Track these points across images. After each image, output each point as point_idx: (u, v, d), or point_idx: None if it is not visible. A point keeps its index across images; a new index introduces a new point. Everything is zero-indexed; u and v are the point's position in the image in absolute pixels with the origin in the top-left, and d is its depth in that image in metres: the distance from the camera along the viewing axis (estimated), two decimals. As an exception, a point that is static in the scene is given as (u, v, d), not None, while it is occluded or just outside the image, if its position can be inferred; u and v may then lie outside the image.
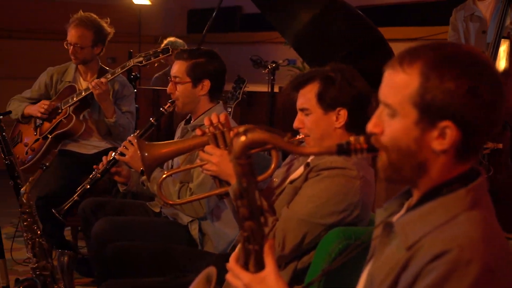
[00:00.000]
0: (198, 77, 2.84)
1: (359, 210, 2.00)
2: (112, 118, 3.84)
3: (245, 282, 1.35)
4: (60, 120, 3.88)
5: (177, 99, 2.89)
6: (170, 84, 2.90)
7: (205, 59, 2.86)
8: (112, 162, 2.98)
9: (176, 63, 2.89)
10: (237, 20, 7.85)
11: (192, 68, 2.84)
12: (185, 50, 2.93)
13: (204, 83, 2.85)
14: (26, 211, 2.63)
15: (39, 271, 2.61)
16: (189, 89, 2.86)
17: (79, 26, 3.90)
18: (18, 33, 7.25)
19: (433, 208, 1.25)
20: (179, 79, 2.85)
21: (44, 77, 4.09)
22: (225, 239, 2.83)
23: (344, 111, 2.08)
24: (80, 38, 3.89)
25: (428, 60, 1.23)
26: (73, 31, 3.90)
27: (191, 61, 2.85)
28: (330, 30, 3.90)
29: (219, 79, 2.90)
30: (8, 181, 2.79)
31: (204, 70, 2.85)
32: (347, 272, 1.72)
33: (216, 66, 2.88)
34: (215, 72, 2.87)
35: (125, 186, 3.03)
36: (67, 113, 3.87)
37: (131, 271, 2.58)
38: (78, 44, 3.88)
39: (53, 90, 4.05)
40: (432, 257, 1.16)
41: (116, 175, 3.01)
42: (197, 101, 2.89)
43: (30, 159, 3.94)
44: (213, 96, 2.91)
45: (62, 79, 4.05)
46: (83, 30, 3.89)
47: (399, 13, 6.27)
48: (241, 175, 1.31)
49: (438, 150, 1.23)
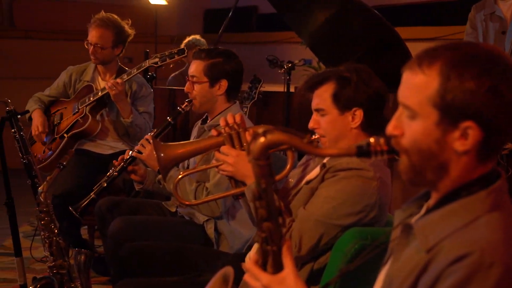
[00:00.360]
0: (215, 77, 2.85)
1: (375, 211, 1.99)
2: (128, 118, 3.85)
3: (264, 283, 1.35)
4: (76, 120, 3.91)
5: (194, 99, 2.90)
6: (188, 83, 2.91)
7: (223, 59, 2.86)
8: (129, 160, 3.00)
9: (193, 62, 2.90)
10: (253, 20, 7.84)
11: (210, 68, 2.84)
12: (202, 50, 2.93)
13: (221, 83, 2.85)
14: (44, 210, 2.64)
15: (56, 269, 2.63)
16: (206, 88, 2.86)
17: (100, 27, 3.91)
18: (36, 34, 7.30)
19: (453, 210, 1.24)
20: (197, 78, 2.86)
21: (64, 76, 4.12)
22: (241, 238, 2.83)
23: (360, 111, 2.07)
24: (100, 39, 3.90)
25: (447, 60, 1.21)
26: (94, 31, 3.91)
27: (209, 61, 2.85)
28: (346, 30, 3.89)
29: (236, 79, 2.90)
30: (25, 180, 2.81)
31: (222, 70, 2.85)
32: (363, 272, 1.71)
33: (234, 66, 2.88)
34: (232, 72, 2.87)
35: (142, 185, 3.05)
36: (84, 113, 3.89)
37: (147, 270, 2.59)
38: (98, 44, 3.89)
39: (71, 89, 4.08)
40: (452, 260, 1.15)
41: (133, 174, 3.03)
42: (214, 100, 2.89)
43: (47, 157, 3.97)
44: (230, 96, 2.91)
45: (81, 78, 4.07)
46: (104, 30, 3.91)
47: (416, 13, 6.24)
48: (260, 176, 1.31)
49: (460, 151, 1.22)
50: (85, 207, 3.08)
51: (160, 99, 4.56)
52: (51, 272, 2.64)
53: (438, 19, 5.95)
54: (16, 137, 2.84)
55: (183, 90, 2.99)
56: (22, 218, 4.62)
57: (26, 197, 3.62)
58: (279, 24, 6.68)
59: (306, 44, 4.55)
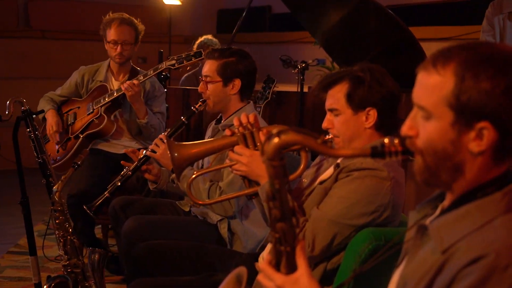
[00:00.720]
0: (228, 76, 2.85)
1: (389, 211, 1.98)
2: (144, 119, 3.87)
3: (278, 283, 1.35)
4: (92, 120, 3.92)
5: (208, 98, 2.90)
6: (201, 83, 2.91)
7: (236, 58, 2.86)
8: (143, 160, 3.01)
9: (207, 62, 2.90)
10: (267, 20, 7.84)
11: (223, 67, 2.85)
12: (216, 50, 2.94)
13: (234, 82, 2.86)
14: (58, 209, 2.66)
15: (70, 268, 2.64)
16: (220, 88, 2.87)
17: (123, 24, 3.94)
18: (52, 34, 7.35)
19: (468, 211, 1.23)
20: (210, 78, 2.87)
21: (76, 76, 4.14)
22: (254, 238, 2.83)
23: (373, 111, 2.07)
24: (128, 35, 3.94)
25: (462, 60, 1.21)
26: (119, 29, 3.93)
27: (222, 60, 2.85)
28: (360, 29, 3.88)
29: (249, 79, 2.90)
30: (40, 179, 2.83)
31: (235, 69, 2.85)
32: (376, 273, 1.71)
33: (247, 65, 2.88)
34: (245, 71, 2.87)
35: (156, 184, 3.06)
36: (99, 113, 3.91)
37: (161, 270, 2.59)
38: (126, 41, 3.94)
39: (84, 89, 4.09)
40: (468, 262, 1.15)
41: (147, 173, 3.04)
42: (227, 100, 2.89)
43: (61, 158, 3.99)
44: (244, 95, 2.91)
45: (94, 78, 4.09)
46: (127, 27, 3.95)
47: (430, 12, 6.20)
48: (274, 176, 1.31)
49: (476, 151, 1.21)
50: (99, 206, 3.09)
51: (174, 99, 4.57)
52: (65, 271, 2.66)
53: (452, 18, 5.92)
54: (31, 137, 2.86)
55: (196, 90, 3.00)
56: (36, 217, 4.66)
57: (40, 196, 3.64)
58: (292, 24, 6.68)
59: (319, 44, 4.54)
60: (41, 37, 7.34)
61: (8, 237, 4.59)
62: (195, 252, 2.64)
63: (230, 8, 8.10)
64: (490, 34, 4.18)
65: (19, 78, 7.10)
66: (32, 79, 7.10)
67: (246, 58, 2.89)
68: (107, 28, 3.96)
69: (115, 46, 3.94)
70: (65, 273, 2.65)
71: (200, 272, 2.51)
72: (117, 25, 3.94)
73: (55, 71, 7.12)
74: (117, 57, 3.97)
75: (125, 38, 3.93)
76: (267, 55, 6.34)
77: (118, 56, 3.96)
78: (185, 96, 4.77)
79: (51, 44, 7.37)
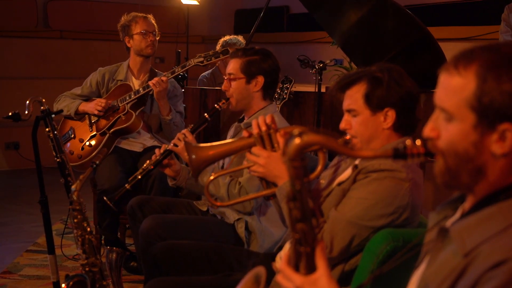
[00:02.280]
0: (252, 73, 2.88)
1: (408, 212, 1.97)
2: (168, 115, 3.94)
3: (297, 284, 1.34)
4: (119, 117, 3.97)
5: (231, 96, 2.92)
6: (225, 82, 2.94)
7: (260, 56, 2.89)
8: (165, 154, 3.01)
9: (231, 61, 2.93)
10: (285, 20, 7.83)
11: (247, 64, 2.87)
12: (239, 49, 2.98)
13: (258, 79, 2.88)
14: (76, 208, 2.67)
15: (88, 267, 2.65)
16: (243, 85, 2.89)
17: (147, 18, 4.07)
18: (70, 34, 7.41)
19: (491, 214, 1.22)
20: (234, 75, 2.89)
21: (96, 76, 4.19)
22: (271, 237, 2.83)
23: (392, 112, 2.05)
24: (155, 27, 4.06)
25: (484, 62, 1.20)
26: (147, 21, 4.05)
27: (246, 58, 2.89)
28: (378, 29, 3.87)
29: (272, 77, 2.92)
30: (59, 179, 2.84)
31: (258, 67, 2.88)
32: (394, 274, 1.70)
33: (270, 63, 2.90)
34: (269, 69, 2.89)
35: (175, 180, 3.07)
36: (126, 110, 3.96)
37: (178, 269, 2.60)
38: (155, 32, 4.05)
39: (104, 89, 4.14)
40: (491, 266, 1.13)
41: (168, 168, 3.04)
42: (250, 98, 2.91)
43: (87, 155, 4.02)
44: (267, 94, 2.93)
45: (114, 77, 4.14)
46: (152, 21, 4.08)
47: (449, 12, 6.16)
48: (295, 177, 1.31)
49: (498, 153, 1.20)
50: (120, 199, 3.11)
51: (192, 99, 4.58)
52: (83, 269, 2.67)
53: (471, 18, 5.87)
54: (50, 136, 2.88)
55: (214, 90, 3.01)
56: (55, 216, 4.70)
57: (59, 195, 3.67)
58: (310, 24, 6.67)
59: (337, 44, 4.53)
60: (60, 37, 7.39)
61: (27, 236, 4.63)
62: (213, 252, 2.65)
63: (247, 8, 8.11)
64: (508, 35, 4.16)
65: (38, 78, 7.16)
66: (51, 79, 7.16)
67: (269, 56, 2.92)
68: (132, 23, 4.04)
69: (146, 37, 4.02)
70: (83, 272, 2.65)
71: (217, 272, 2.52)
72: (144, 19, 4.04)
73: (74, 71, 7.19)
74: (149, 47, 4.05)
75: (154, 29, 4.04)
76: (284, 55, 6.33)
77: (151, 46, 4.04)
78: (202, 96, 4.78)
79: (70, 44, 7.42)
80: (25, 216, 5.12)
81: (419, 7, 6.02)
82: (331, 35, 4.41)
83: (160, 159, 3.01)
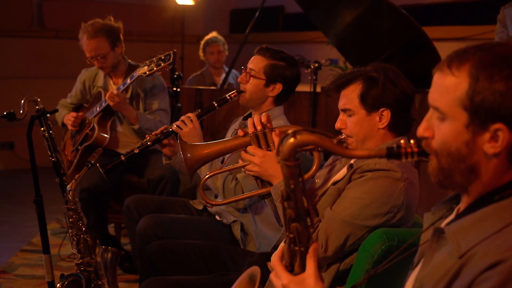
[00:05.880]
0: (273, 78, 2.83)
1: (403, 212, 1.98)
2: (135, 124, 3.87)
3: (284, 282, 1.34)
4: (86, 133, 3.94)
5: (245, 91, 2.88)
6: (243, 74, 2.88)
7: (285, 63, 2.84)
8: (166, 133, 2.94)
9: (255, 57, 2.87)
10: (280, 19, 7.84)
11: (270, 67, 2.83)
12: (269, 48, 2.88)
13: (276, 85, 2.84)
14: (72, 208, 2.67)
15: (83, 267, 2.65)
16: (260, 86, 2.84)
17: (90, 39, 3.90)
18: (66, 34, 7.39)
19: (485, 215, 1.22)
20: (255, 73, 2.84)
21: (78, 84, 4.17)
22: (267, 240, 2.82)
23: (387, 112, 2.06)
24: (97, 49, 3.90)
25: (477, 62, 1.20)
26: (87, 46, 3.91)
27: (272, 61, 2.83)
28: (373, 29, 3.88)
29: (291, 86, 2.88)
30: (54, 178, 2.84)
31: (281, 73, 2.83)
32: (390, 274, 1.70)
33: (294, 73, 2.85)
34: (290, 78, 2.85)
35: (170, 160, 3.03)
36: (91, 125, 3.93)
37: (174, 269, 2.60)
38: (100, 54, 3.90)
39: (88, 95, 4.13)
40: (486, 267, 1.14)
41: (167, 147, 2.99)
42: (263, 99, 2.87)
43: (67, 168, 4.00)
44: (279, 100, 2.89)
45: (94, 84, 4.11)
46: (95, 40, 3.90)
47: (444, 12, 6.18)
48: (289, 177, 1.31)
49: (491, 153, 1.20)
50: (112, 167, 3.05)
51: (187, 99, 4.57)
52: (78, 269, 2.67)
53: (466, 18, 5.89)
54: (45, 136, 2.87)
55: (210, 90, 2.99)
56: (50, 216, 4.70)
57: (54, 195, 3.66)
58: (305, 24, 6.67)
59: (332, 44, 4.53)
60: (55, 37, 7.38)
61: (21, 236, 4.62)
62: (209, 251, 2.65)
63: (243, 8, 8.11)
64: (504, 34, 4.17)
65: (33, 78, 7.15)
66: (46, 78, 7.15)
67: (294, 66, 2.87)
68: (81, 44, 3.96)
69: (93, 61, 3.94)
70: (78, 271, 2.65)
71: (213, 272, 2.52)
72: (85, 42, 3.92)
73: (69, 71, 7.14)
74: (101, 70, 4.00)
75: (97, 53, 3.90)
76: (279, 55, 6.31)
77: (101, 69, 3.99)
78: (197, 96, 4.78)
79: (65, 44, 7.40)
80: (20, 215, 5.11)
81: (414, 7, 6.03)
82: (326, 34, 4.41)
83: (160, 138, 2.94)
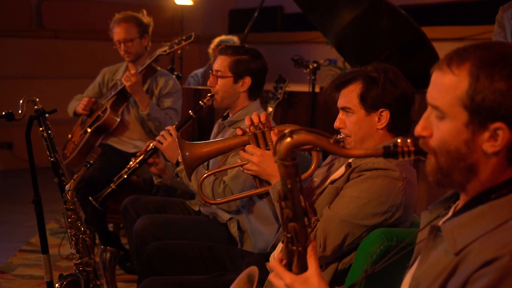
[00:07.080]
0: (239, 73, 2.87)
1: (401, 211, 1.97)
2: (145, 110, 3.93)
3: (287, 282, 1.34)
4: (98, 115, 4.02)
5: (217, 93, 2.92)
6: (211, 77, 2.93)
7: (249, 56, 2.88)
8: (150, 153, 3.03)
9: (219, 58, 2.92)
10: (278, 20, 7.84)
11: (235, 63, 2.86)
12: (229, 46, 2.95)
13: (245, 79, 2.87)
14: (70, 207, 2.67)
15: (82, 266, 2.65)
16: (229, 84, 2.88)
17: (121, 22, 4.05)
18: (64, 34, 7.40)
19: (482, 213, 1.22)
20: (221, 73, 2.88)
21: (99, 77, 4.29)
22: (262, 236, 2.83)
23: (386, 112, 2.05)
24: (126, 33, 4.03)
25: (477, 61, 1.20)
26: (118, 29, 4.04)
27: (235, 57, 2.87)
28: (372, 29, 3.88)
29: (260, 78, 2.91)
30: (53, 178, 2.84)
31: (247, 67, 2.87)
32: (388, 273, 1.70)
33: (259, 64, 2.89)
34: (257, 70, 2.88)
35: (160, 178, 3.07)
36: (104, 107, 4.00)
37: (172, 269, 2.60)
38: (127, 38, 4.03)
39: (105, 89, 4.25)
40: (482, 264, 1.14)
41: (153, 166, 3.05)
42: (236, 97, 2.91)
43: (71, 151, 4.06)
44: (252, 94, 2.93)
45: (113, 78, 4.22)
46: (126, 24, 4.05)
47: (443, 12, 6.18)
48: (286, 176, 1.31)
49: (490, 152, 1.20)
50: (105, 198, 3.11)
51: (186, 99, 4.58)
52: (77, 269, 2.67)
53: (465, 18, 5.89)
54: (44, 136, 2.87)
55: (209, 90, 3.00)
56: (49, 216, 4.69)
57: (53, 195, 3.66)
58: (304, 24, 6.67)
59: (331, 44, 4.54)
60: (54, 37, 7.38)
61: (20, 236, 4.62)
62: (206, 251, 2.65)
63: (242, 8, 8.11)
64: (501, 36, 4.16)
65: (31, 78, 7.14)
66: (45, 78, 7.15)
67: (258, 57, 2.91)
68: (111, 30, 4.10)
69: (119, 47, 4.06)
70: (77, 271, 2.65)
71: (211, 272, 2.52)
72: (116, 26, 4.06)
73: (68, 71, 7.17)
74: (125, 56, 4.09)
75: (125, 36, 4.03)
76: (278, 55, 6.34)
77: (126, 55, 4.08)
78: (196, 96, 4.78)
79: (64, 44, 7.41)
80: (18, 215, 5.11)
81: (413, 7, 6.03)
82: (325, 35, 4.41)
83: (145, 158, 3.03)
